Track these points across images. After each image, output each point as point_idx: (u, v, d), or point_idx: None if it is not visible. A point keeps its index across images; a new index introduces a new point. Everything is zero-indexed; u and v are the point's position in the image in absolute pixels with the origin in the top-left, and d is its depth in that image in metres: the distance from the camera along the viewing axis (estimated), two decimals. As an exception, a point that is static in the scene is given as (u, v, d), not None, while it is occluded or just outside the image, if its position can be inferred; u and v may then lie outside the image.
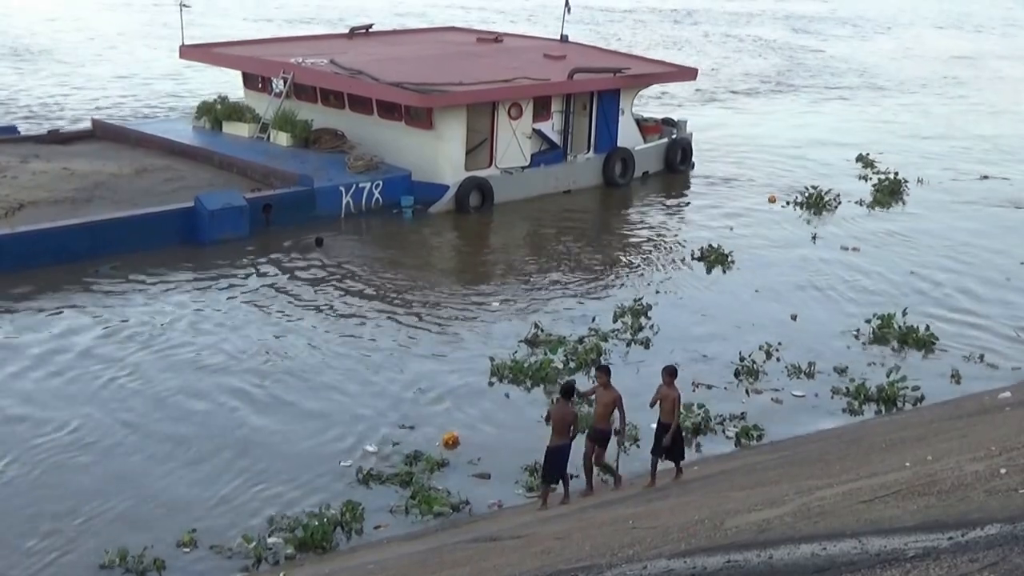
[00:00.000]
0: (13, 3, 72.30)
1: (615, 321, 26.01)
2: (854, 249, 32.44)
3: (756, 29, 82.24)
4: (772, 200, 37.68)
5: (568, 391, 16.90)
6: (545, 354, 23.79)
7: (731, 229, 34.33)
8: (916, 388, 22.82)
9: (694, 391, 22.21)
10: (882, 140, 47.05)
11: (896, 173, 40.29)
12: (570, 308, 27.31)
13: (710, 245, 31.76)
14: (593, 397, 17.78)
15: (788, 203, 37.01)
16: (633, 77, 38.52)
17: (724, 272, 30.58)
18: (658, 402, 17.30)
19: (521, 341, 24.86)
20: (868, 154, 43.43)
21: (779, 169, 41.64)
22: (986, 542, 8.37)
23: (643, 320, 26.13)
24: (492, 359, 23.57)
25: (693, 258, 31.24)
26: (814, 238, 33.59)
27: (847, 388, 22.89)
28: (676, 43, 72.73)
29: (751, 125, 49.74)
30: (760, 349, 24.33)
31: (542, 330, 25.25)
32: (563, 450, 16.73)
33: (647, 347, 24.78)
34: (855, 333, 25.85)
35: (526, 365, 23.16)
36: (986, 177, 41.98)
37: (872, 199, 38.16)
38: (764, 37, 78.52)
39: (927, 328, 25.58)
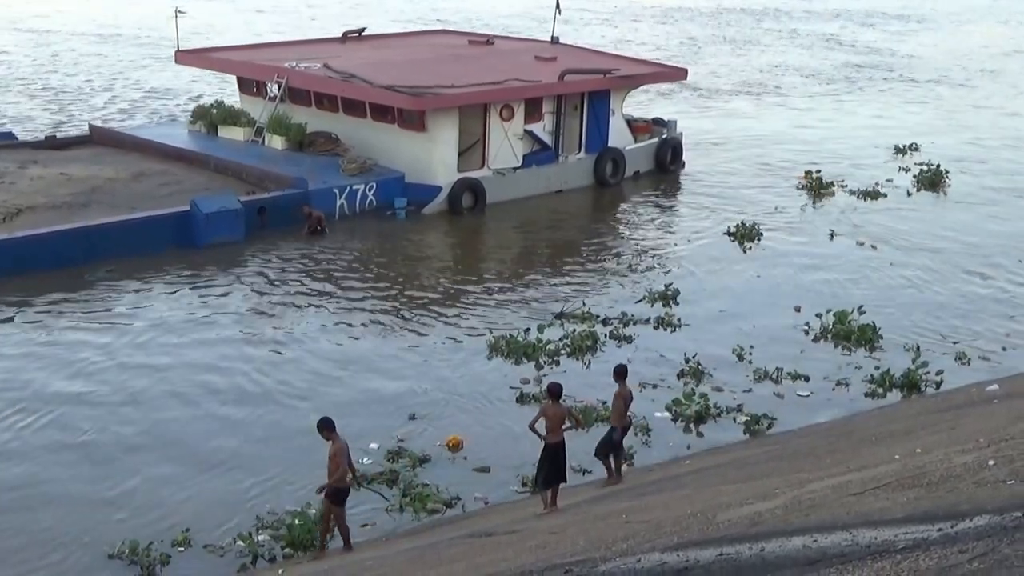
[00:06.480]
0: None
1: (652, 306, 26.93)
2: (872, 246, 32.53)
3: (823, 26, 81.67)
4: (806, 176, 38.56)
5: (556, 392, 16.83)
6: (540, 332, 24.58)
7: (776, 209, 35.58)
8: (940, 373, 23.22)
9: (640, 391, 22.41)
10: (931, 132, 46.98)
11: (938, 164, 40.17)
12: (571, 296, 27.83)
13: (742, 223, 32.68)
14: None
15: (807, 186, 37.86)
16: (623, 78, 38.63)
17: (744, 252, 31.52)
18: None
19: (553, 314, 26.02)
20: (913, 144, 43.49)
21: (816, 160, 41.53)
22: (975, 533, 8.33)
23: (672, 307, 26.93)
24: (491, 330, 24.69)
25: (725, 234, 32.66)
26: (832, 235, 33.61)
27: (872, 375, 23.35)
28: (739, 41, 72.69)
29: (795, 120, 50.00)
30: (733, 352, 24.51)
31: (587, 307, 26.38)
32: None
33: (630, 342, 25.15)
34: (805, 328, 26.00)
35: (523, 342, 24.04)
36: None
37: (911, 190, 38.42)
38: (832, 34, 78.00)
39: (873, 325, 25.63)
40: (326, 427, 15.99)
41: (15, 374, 22.43)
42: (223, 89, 44.14)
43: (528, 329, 24.90)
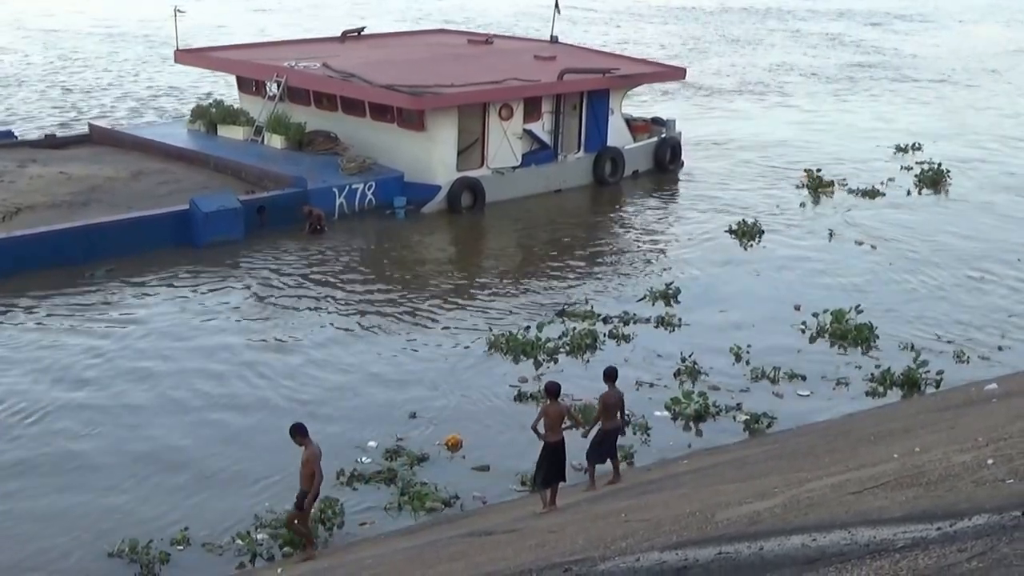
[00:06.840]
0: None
1: (653, 304, 26.98)
2: (872, 245, 32.44)
3: (826, 25, 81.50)
4: (807, 175, 38.66)
5: (554, 392, 16.79)
6: (539, 330, 24.60)
7: (777, 207, 35.67)
8: (940, 372, 23.22)
9: (638, 390, 22.39)
10: (933, 132, 46.88)
11: (939, 164, 40.11)
12: (570, 295, 27.92)
13: (743, 221, 32.84)
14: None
15: (808, 185, 37.95)
16: (622, 77, 38.64)
17: (745, 251, 31.62)
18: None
19: (555, 312, 26.14)
20: (915, 144, 43.41)
21: (817, 159, 41.45)
22: (974, 532, 8.37)
23: (672, 306, 26.97)
24: (491, 328, 24.88)
25: (726, 232, 32.81)
26: (831, 234, 33.53)
27: (872, 374, 23.35)
28: (742, 41, 72.50)
29: (797, 119, 49.93)
30: (730, 351, 24.44)
31: (590, 306, 26.43)
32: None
33: (628, 340, 25.14)
34: (802, 327, 25.94)
35: (522, 340, 24.11)
36: None
37: (911, 189, 38.39)
38: (836, 33, 77.78)
39: (870, 324, 25.58)
40: (299, 432, 15.93)
41: (12, 375, 22.39)
42: (230, 88, 44.10)
43: (528, 327, 24.92)
